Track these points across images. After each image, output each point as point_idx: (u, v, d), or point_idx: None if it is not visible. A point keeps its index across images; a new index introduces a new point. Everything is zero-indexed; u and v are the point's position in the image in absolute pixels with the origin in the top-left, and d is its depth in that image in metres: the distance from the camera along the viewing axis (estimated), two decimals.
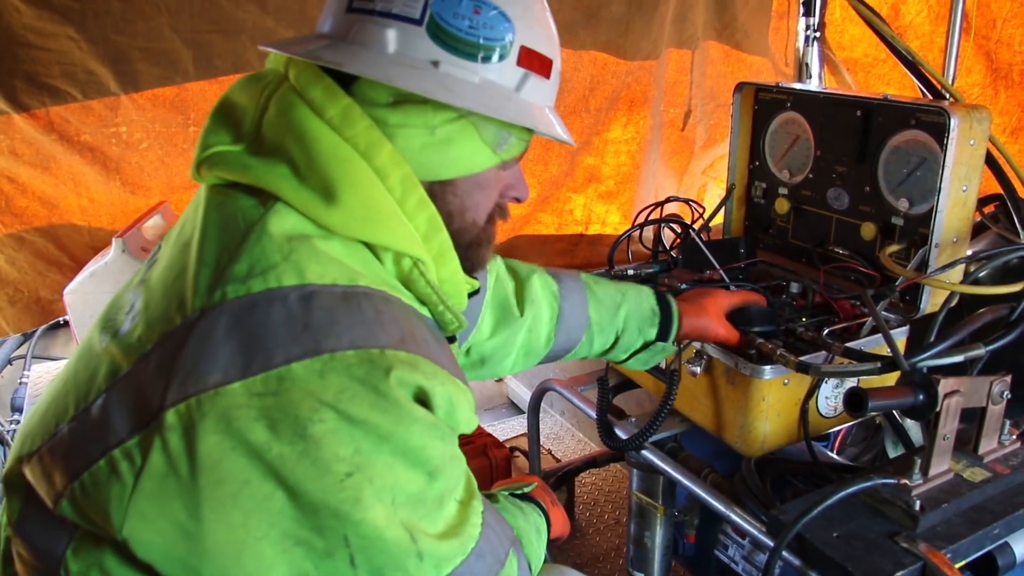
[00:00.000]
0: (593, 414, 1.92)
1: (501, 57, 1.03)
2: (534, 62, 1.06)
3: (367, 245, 1.01)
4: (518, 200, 1.20)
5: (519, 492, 1.41)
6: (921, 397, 1.38)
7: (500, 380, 4.43)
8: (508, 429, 3.87)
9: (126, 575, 0.94)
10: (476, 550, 1.02)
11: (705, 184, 3.11)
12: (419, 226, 1.03)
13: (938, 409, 1.41)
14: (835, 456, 2.02)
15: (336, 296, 0.93)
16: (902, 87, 2.71)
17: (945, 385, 1.41)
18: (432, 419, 0.95)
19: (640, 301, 1.64)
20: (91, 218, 2.27)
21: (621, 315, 1.62)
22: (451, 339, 1.22)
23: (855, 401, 1.33)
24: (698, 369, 1.73)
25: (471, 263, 1.16)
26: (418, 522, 0.95)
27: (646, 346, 1.66)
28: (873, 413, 1.38)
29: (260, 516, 0.88)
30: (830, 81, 3.02)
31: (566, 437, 3.82)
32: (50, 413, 1.01)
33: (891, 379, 1.56)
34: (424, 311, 1.10)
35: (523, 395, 4.16)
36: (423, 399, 0.95)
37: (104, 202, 2.25)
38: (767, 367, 1.61)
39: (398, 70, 0.98)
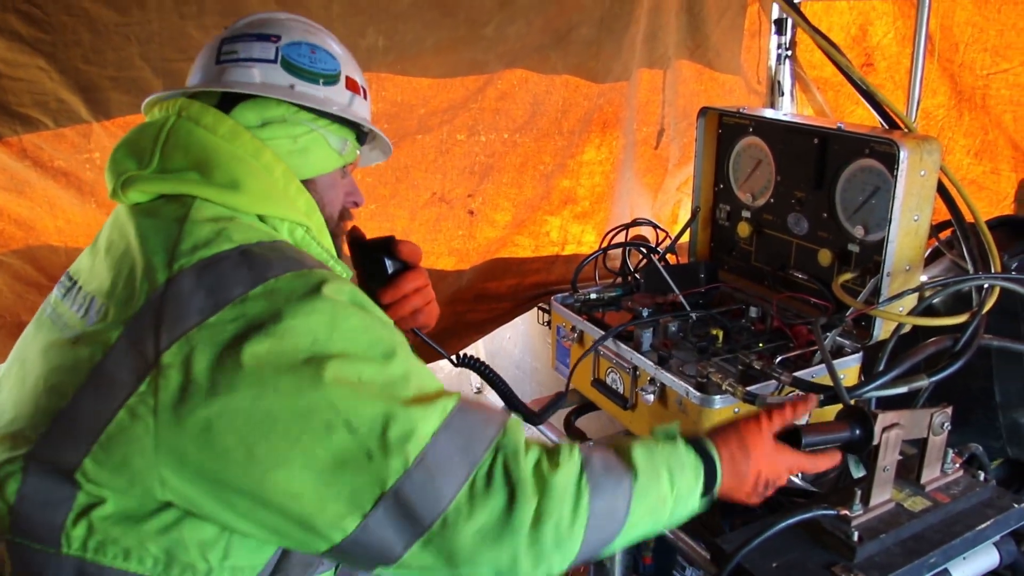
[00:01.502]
0: (555, 437, 1.96)
1: (335, 82, 1.41)
2: (355, 87, 1.45)
3: (265, 222, 1.27)
4: (356, 204, 1.53)
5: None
6: (857, 432, 1.42)
7: (480, 392, 4.47)
8: None
9: (123, 531, 1.09)
10: (452, 416, 1.11)
11: (679, 200, 3.14)
12: (300, 207, 1.33)
13: (877, 442, 1.45)
14: (794, 477, 2.05)
15: (265, 247, 1.19)
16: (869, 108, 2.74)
17: (884, 419, 1.45)
18: (369, 314, 1.17)
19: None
20: (68, 239, 2.29)
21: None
22: None
23: (789, 438, 1.37)
24: (651, 397, 1.77)
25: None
26: (388, 391, 1.10)
27: None
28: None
29: (259, 412, 1.04)
30: (802, 99, 3.05)
31: None
32: (35, 405, 1.15)
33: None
34: None
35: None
36: (357, 304, 1.16)
37: (81, 223, 2.27)
38: (716, 397, 1.65)
39: (270, 90, 1.34)
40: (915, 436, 1.55)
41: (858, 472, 2.29)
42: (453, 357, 1.66)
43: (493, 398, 4.31)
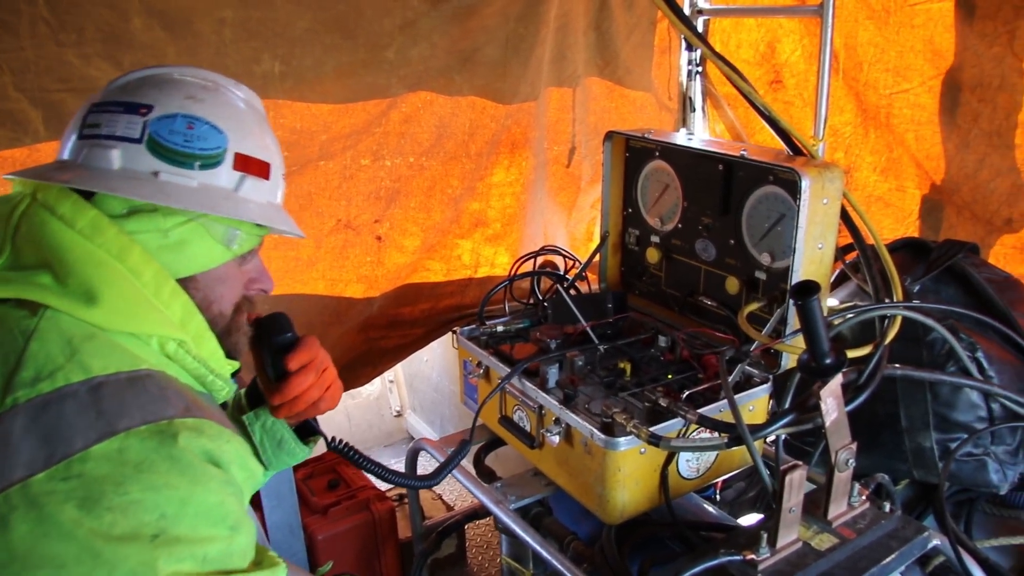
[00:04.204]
0: (464, 479, 1.91)
1: (217, 163, 1.17)
2: (250, 166, 1.21)
3: (133, 335, 1.11)
4: (264, 292, 1.33)
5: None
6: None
7: (400, 415, 4.39)
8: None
9: None
10: None
11: (594, 218, 3.10)
12: (175, 313, 1.15)
13: (781, 485, 1.42)
14: (710, 507, 2.03)
15: (122, 382, 1.02)
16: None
17: (786, 460, 1.42)
18: (225, 477, 1.05)
19: None
20: None
21: None
22: (223, 406, 1.29)
23: None
24: (557, 438, 1.72)
25: (227, 350, 1.26)
26: (229, 565, 1.02)
27: None
28: None
29: None
30: (713, 115, 3.05)
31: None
32: None
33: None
34: (197, 386, 1.20)
35: (422, 431, 4.14)
36: (213, 461, 1.04)
37: None
38: (621, 439, 1.61)
39: (122, 183, 1.11)
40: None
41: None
42: (330, 440, 1.52)
43: (413, 420, 4.26)
